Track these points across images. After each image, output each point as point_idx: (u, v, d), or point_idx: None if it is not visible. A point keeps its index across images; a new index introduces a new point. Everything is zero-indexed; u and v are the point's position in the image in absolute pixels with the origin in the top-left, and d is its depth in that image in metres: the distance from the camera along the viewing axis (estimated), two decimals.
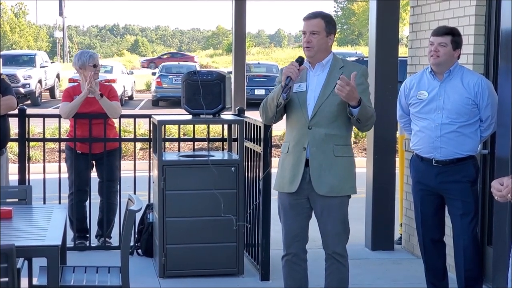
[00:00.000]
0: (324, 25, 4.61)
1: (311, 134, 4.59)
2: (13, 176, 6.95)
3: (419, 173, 5.28)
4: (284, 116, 4.76)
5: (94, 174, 7.09)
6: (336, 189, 4.61)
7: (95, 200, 7.11)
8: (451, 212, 5.23)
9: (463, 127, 5.08)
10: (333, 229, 4.66)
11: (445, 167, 5.12)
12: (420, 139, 5.21)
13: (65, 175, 7.02)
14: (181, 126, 8.83)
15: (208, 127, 7.46)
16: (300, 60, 4.56)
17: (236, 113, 6.91)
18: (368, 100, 4.62)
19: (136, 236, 6.80)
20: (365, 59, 22.64)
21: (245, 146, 6.34)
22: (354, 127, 4.69)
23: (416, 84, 5.26)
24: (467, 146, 5.11)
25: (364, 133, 14.03)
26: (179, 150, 7.39)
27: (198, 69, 26.25)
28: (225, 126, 7.19)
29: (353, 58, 26.44)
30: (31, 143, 7.48)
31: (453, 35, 5.12)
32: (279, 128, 4.89)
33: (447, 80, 5.13)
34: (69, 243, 6.51)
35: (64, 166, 7.08)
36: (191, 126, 8.83)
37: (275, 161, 6.51)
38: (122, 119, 7.19)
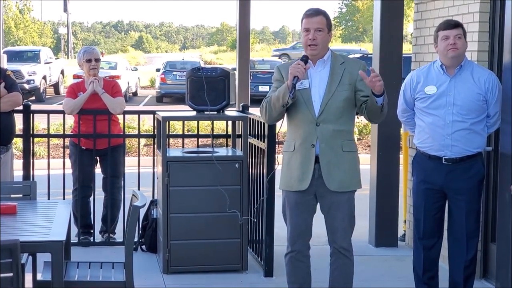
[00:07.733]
0: (326, 21, 4.65)
1: (319, 130, 4.59)
2: (17, 172, 6.96)
3: (426, 171, 5.13)
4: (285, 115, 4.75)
5: (98, 170, 7.11)
6: (345, 184, 4.64)
7: (99, 196, 7.12)
8: (455, 208, 5.13)
9: (474, 124, 4.98)
10: (341, 224, 4.68)
11: (455, 165, 5.01)
12: (429, 136, 5.06)
13: (69, 171, 7.04)
14: (185, 122, 8.83)
15: (212, 124, 7.45)
16: (305, 59, 4.58)
17: (240, 109, 6.91)
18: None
19: (140, 232, 6.81)
20: (369, 55, 22.61)
21: (249, 143, 6.35)
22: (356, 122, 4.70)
23: (423, 78, 5.12)
24: (477, 143, 5.03)
25: (368, 130, 14.03)
26: (183, 146, 7.40)
27: (203, 65, 26.25)
28: (229, 122, 7.19)
29: (358, 55, 26.37)
30: (36, 139, 7.49)
31: (462, 27, 5.04)
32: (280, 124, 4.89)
33: (458, 75, 5.01)
34: (73, 239, 6.52)
35: (68, 162, 7.09)
36: (195, 122, 8.81)
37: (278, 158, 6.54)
38: (126, 115, 7.19)
